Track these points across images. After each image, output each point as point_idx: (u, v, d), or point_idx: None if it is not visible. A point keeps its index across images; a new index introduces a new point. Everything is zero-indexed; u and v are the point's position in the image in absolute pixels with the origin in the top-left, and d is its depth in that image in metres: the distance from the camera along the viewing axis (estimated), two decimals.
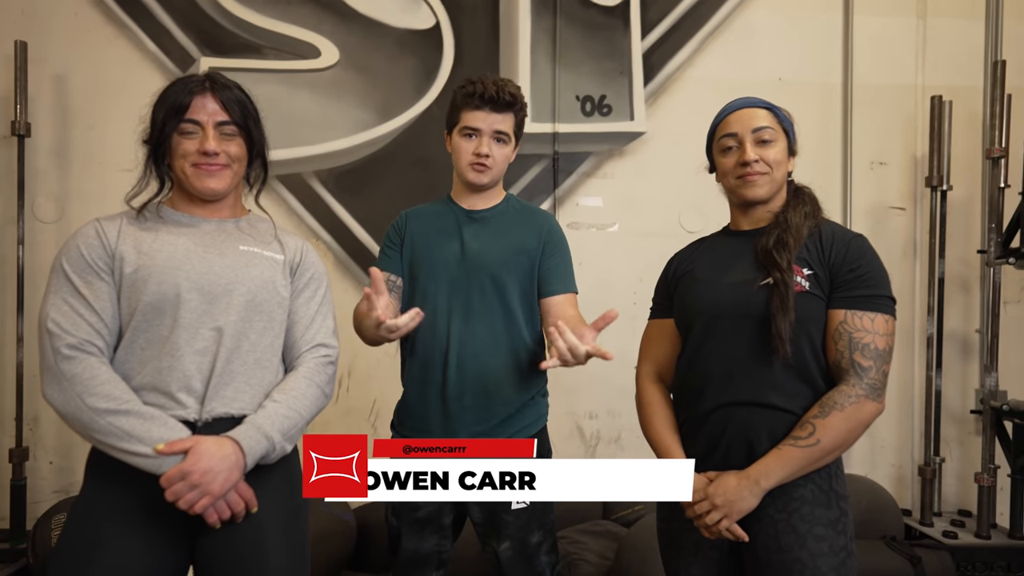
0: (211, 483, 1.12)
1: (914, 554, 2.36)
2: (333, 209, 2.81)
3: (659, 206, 2.88)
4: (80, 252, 1.20)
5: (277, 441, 1.20)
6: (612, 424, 2.89)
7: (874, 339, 1.21)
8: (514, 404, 1.54)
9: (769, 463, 1.19)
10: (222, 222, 1.31)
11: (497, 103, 1.50)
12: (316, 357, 1.30)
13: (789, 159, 1.34)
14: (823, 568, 1.18)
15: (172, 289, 1.19)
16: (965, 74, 2.94)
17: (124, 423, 1.12)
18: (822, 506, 1.21)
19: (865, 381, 1.20)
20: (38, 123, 2.66)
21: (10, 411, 2.59)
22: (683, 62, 2.92)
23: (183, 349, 1.18)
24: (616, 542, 2.35)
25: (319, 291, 1.36)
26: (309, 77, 2.79)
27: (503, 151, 1.55)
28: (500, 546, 1.53)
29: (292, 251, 1.35)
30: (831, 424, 1.18)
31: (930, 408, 2.81)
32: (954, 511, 2.89)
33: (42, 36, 2.66)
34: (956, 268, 2.93)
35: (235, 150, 1.27)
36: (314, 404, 1.27)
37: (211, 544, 1.20)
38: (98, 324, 1.17)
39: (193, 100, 1.23)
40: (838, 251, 1.24)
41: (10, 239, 2.62)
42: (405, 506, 1.56)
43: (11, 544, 2.48)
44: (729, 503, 1.20)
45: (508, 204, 1.63)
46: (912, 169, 2.97)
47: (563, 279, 1.58)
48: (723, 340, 1.28)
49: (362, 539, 2.47)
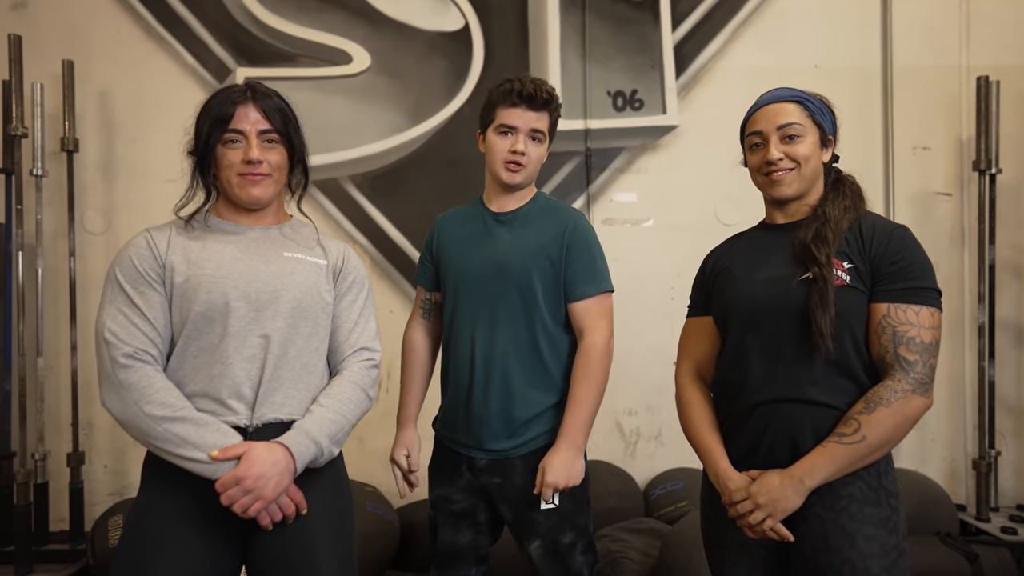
0: (264, 488, 1.15)
1: (971, 551, 2.29)
2: (368, 213, 2.84)
3: (694, 199, 2.85)
4: (132, 263, 1.23)
5: (325, 446, 1.22)
6: (652, 421, 2.87)
7: (919, 332, 1.17)
8: (539, 407, 1.54)
9: (814, 461, 1.17)
10: (266, 229, 1.34)
11: (534, 101, 1.50)
12: (360, 361, 1.32)
13: (824, 150, 1.31)
14: (874, 569, 1.15)
15: (221, 298, 1.22)
16: (1012, 52, 2.84)
17: (180, 430, 1.16)
18: (872, 504, 1.18)
19: (911, 376, 1.16)
20: (85, 138, 2.75)
21: (67, 417, 2.69)
22: (715, 53, 2.88)
23: (232, 357, 1.22)
24: (659, 539, 2.33)
25: (361, 294, 1.38)
26: (342, 83, 2.83)
27: (538, 151, 1.55)
28: (531, 545, 1.55)
29: (335, 256, 1.37)
30: (877, 420, 1.15)
31: (983, 399, 2.71)
32: (1012, 506, 2.79)
33: (87, 54, 2.76)
34: (1007, 254, 2.83)
35: (276, 158, 1.29)
36: (359, 408, 1.30)
37: (263, 546, 1.24)
38: (152, 333, 1.21)
39: (236, 110, 1.26)
40: (879, 243, 1.21)
41: (62, 251, 2.72)
42: (442, 499, 1.60)
43: (71, 545, 2.58)
44: (773, 502, 1.18)
45: (534, 204, 1.61)
46: (957, 153, 2.87)
47: (589, 281, 1.53)
48: (763, 336, 1.26)
49: (405, 539, 2.50)
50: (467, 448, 1.57)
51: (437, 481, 1.63)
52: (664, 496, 2.62)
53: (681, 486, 2.60)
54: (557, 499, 1.49)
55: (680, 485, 2.61)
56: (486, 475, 1.56)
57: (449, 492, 1.59)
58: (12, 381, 2.61)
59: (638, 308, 2.74)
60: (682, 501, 2.53)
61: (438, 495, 1.62)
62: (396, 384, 2.84)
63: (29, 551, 2.46)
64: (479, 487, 1.57)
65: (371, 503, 2.44)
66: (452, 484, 1.59)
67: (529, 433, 1.54)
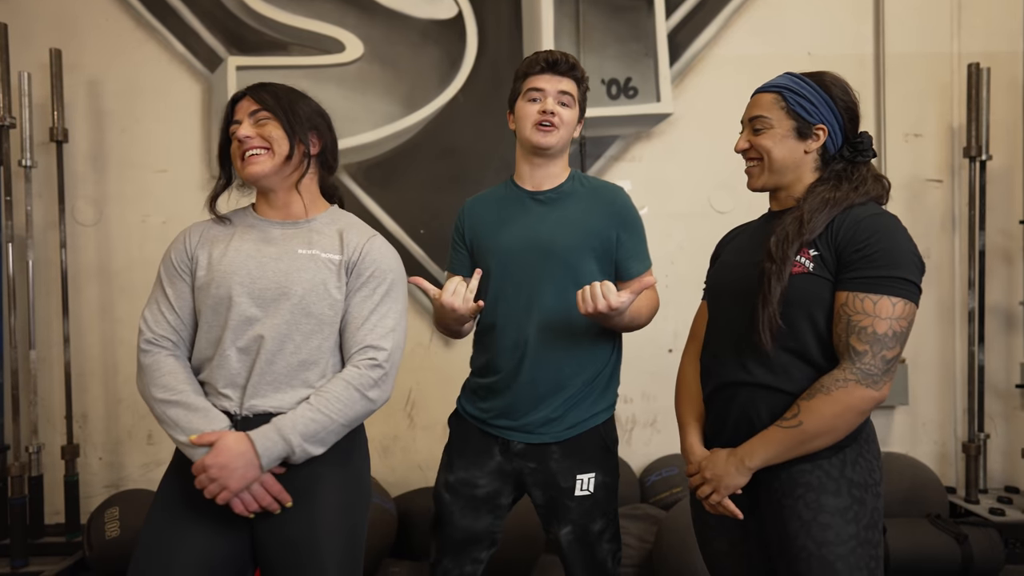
0: (228, 478, 1.18)
1: (960, 532, 2.33)
2: (363, 202, 2.83)
3: (689, 187, 2.86)
4: (171, 257, 1.35)
5: (296, 444, 1.21)
6: (647, 408, 2.89)
7: (872, 322, 1.14)
8: (584, 392, 1.54)
9: (754, 443, 1.22)
10: (293, 224, 1.36)
11: (559, 66, 1.52)
12: (362, 359, 1.29)
13: (804, 140, 1.28)
14: (829, 557, 1.15)
15: (226, 293, 1.28)
16: (1003, 39, 2.85)
17: (173, 412, 1.24)
18: (830, 494, 1.18)
19: (857, 366, 1.15)
20: (75, 128, 2.72)
21: (60, 409, 2.67)
22: (709, 40, 2.88)
23: (228, 348, 1.27)
24: (655, 525, 2.35)
25: (379, 289, 1.33)
26: (335, 72, 2.81)
27: (569, 113, 1.53)
28: (561, 531, 1.53)
29: (351, 250, 1.34)
30: (815, 407, 1.15)
31: (973, 383, 2.75)
32: (1000, 488, 2.84)
33: (75, 42, 2.72)
34: (997, 240, 2.86)
35: (271, 131, 1.31)
36: (350, 408, 1.26)
37: (263, 532, 1.27)
38: (175, 321, 1.32)
39: (237, 105, 1.35)
40: (846, 231, 1.19)
41: (53, 243, 2.69)
42: (464, 483, 1.55)
43: (67, 538, 2.57)
44: (717, 478, 1.25)
45: (575, 182, 1.58)
46: (948, 140, 2.90)
47: (640, 258, 1.59)
48: (728, 321, 1.30)
49: (403, 527, 2.51)
50: (504, 431, 1.54)
51: (460, 464, 1.57)
52: (660, 482, 2.64)
53: (676, 472, 2.63)
54: (592, 486, 1.51)
55: (675, 471, 2.63)
56: (520, 459, 1.53)
57: (475, 476, 1.55)
58: (4, 374, 2.59)
59: None
60: (677, 487, 2.56)
61: (459, 479, 1.56)
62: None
63: (25, 544, 2.46)
64: (509, 471, 1.54)
65: None
66: (479, 468, 1.55)
67: (571, 419, 1.52)
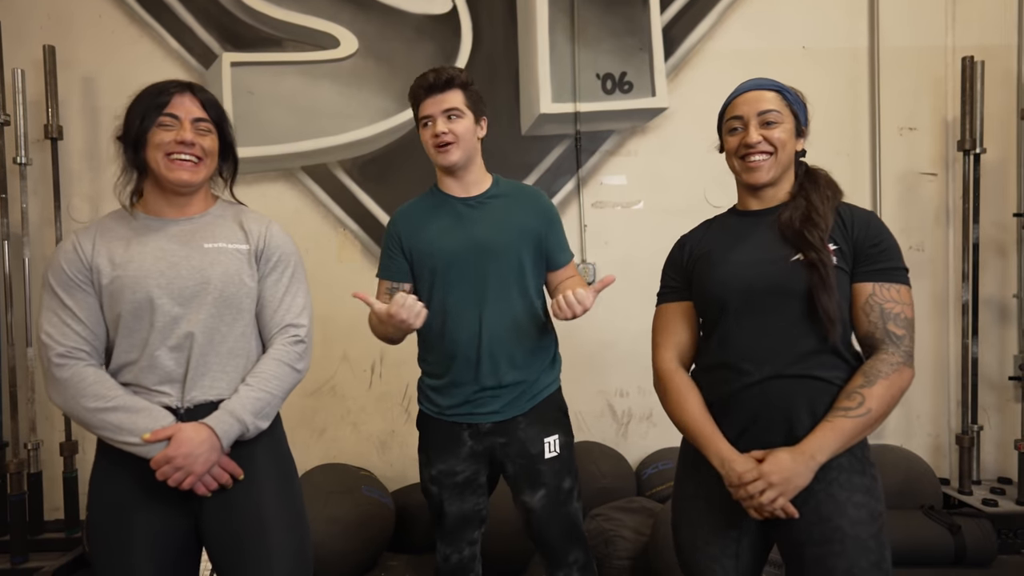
0: (193, 464, 1.26)
1: (953, 523, 2.34)
2: (358, 198, 2.84)
3: (684, 182, 2.86)
4: (62, 267, 1.31)
5: (249, 422, 1.32)
6: (643, 402, 2.90)
7: (903, 309, 1.25)
8: (539, 370, 1.68)
9: (823, 436, 1.19)
10: (191, 220, 1.38)
11: (435, 86, 1.58)
12: (285, 338, 1.39)
13: (798, 140, 1.36)
14: (863, 535, 1.20)
15: (145, 297, 1.29)
16: (997, 32, 2.86)
17: (113, 418, 1.27)
18: (858, 473, 1.24)
19: (902, 349, 1.23)
20: (69, 125, 2.72)
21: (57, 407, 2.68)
22: (704, 35, 2.88)
23: (159, 349, 1.30)
24: (651, 518, 2.37)
25: (286, 272, 1.42)
26: (329, 67, 2.80)
27: (462, 124, 1.59)
28: (535, 496, 1.64)
29: (256, 237, 1.41)
30: (878, 392, 1.20)
31: (967, 376, 2.77)
32: (994, 479, 2.86)
33: (68, 39, 2.72)
34: (991, 232, 2.87)
35: (209, 144, 1.36)
36: (285, 382, 1.37)
37: (210, 514, 1.34)
38: (84, 332, 1.30)
39: (173, 98, 1.33)
40: (860, 227, 1.28)
41: (48, 240, 2.70)
42: (444, 473, 1.66)
43: (66, 534, 2.59)
44: (786, 480, 1.18)
45: (499, 187, 1.70)
46: (943, 133, 2.90)
47: (564, 249, 1.74)
48: (755, 318, 1.28)
49: (400, 521, 2.52)
50: (470, 416, 1.64)
51: (437, 458, 1.67)
52: (655, 475, 2.66)
53: (672, 465, 2.64)
54: (558, 446, 1.65)
55: (671, 464, 2.65)
56: (490, 437, 1.65)
57: (452, 465, 1.66)
58: (2, 371, 2.60)
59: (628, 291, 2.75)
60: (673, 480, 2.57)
61: (439, 471, 1.67)
62: (388, 368, 2.87)
63: (24, 540, 2.47)
64: (481, 451, 1.66)
65: (366, 487, 2.46)
66: (454, 456, 1.66)
67: (530, 392, 1.66)
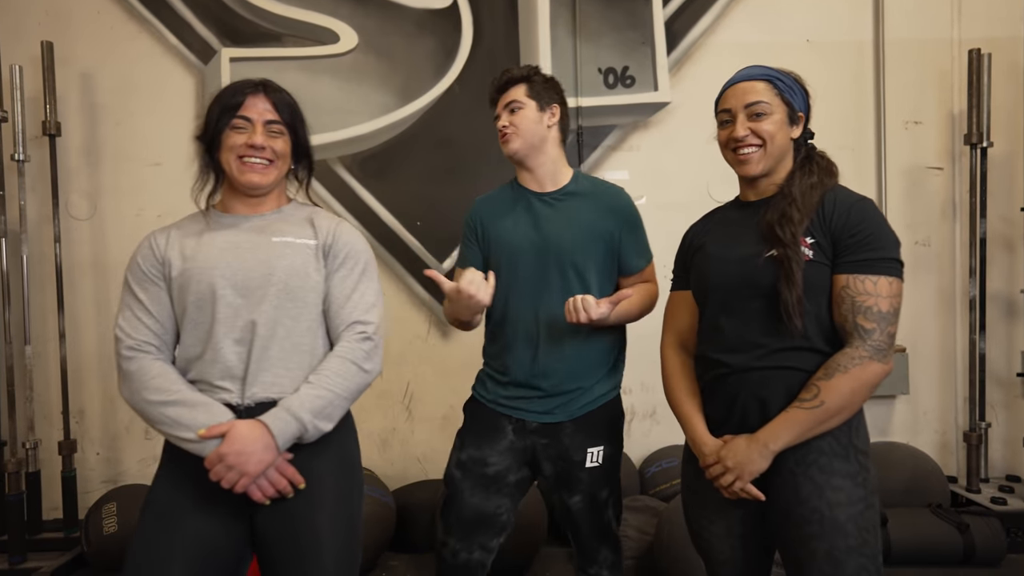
0: (245, 464, 1.20)
1: (962, 521, 2.31)
2: (359, 194, 2.81)
3: (687, 177, 2.83)
4: (138, 263, 1.34)
5: (308, 421, 1.25)
6: (646, 399, 2.87)
7: (877, 302, 1.22)
8: (595, 377, 1.64)
9: (777, 426, 1.23)
10: (261, 217, 1.38)
11: (502, 87, 1.67)
12: (352, 335, 1.34)
13: (793, 127, 1.34)
14: (840, 517, 1.20)
15: (209, 288, 1.28)
16: (1003, 24, 2.82)
17: (173, 412, 1.23)
18: (840, 458, 1.24)
19: (868, 343, 1.21)
20: (68, 122, 2.70)
21: (56, 405, 2.67)
22: (707, 28, 2.85)
23: (222, 341, 1.27)
24: (655, 517, 2.34)
25: (356, 268, 1.39)
26: (329, 63, 2.78)
27: (520, 116, 1.63)
28: (571, 499, 1.63)
29: (324, 233, 1.39)
30: (835, 386, 1.20)
31: (974, 372, 2.73)
32: (1002, 477, 2.83)
33: (67, 35, 2.70)
34: (998, 227, 2.84)
35: (281, 146, 1.35)
36: (350, 381, 1.31)
37: (265, 521, 1.28)
38: (154, 325, 1.31)
39: (246, 99, 1.33)
40: (839, 217, 1.25)
41: (47, 237, 2.68)
42: (475, 460, 1.63)
43: (65, 533, 2.57)
44: (740, 465, 1.25)
45: (578, 184, 1.68)
46: (948, 126, 2.87)
47: (642, 254, 1.69)
48: (735, 313, 1.31)
49: (401, 521, 2.50)
50: (519, 411, 1.63)
51: (472, 443, 1.65)
52: (659, 473, 2.64)
53: (676, 463, 2.62)
54: (601, 458, 1.62)
55: (675, 462, 2.62)
56: (534, 436, 1.63)
57: (486, 454, 1.63)
58: (1, 370, 2.58)
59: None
60: (677, 479, 2.54)
61: (470, 456, 1.64)
62: (389, 366, 2.84)
63: (23, 540, 2.45)
64: (521, 448, 1.63)
65: (367, 486, 2.43)
66: (491, 446, 1.63)
67: (584, 399, 1.62)
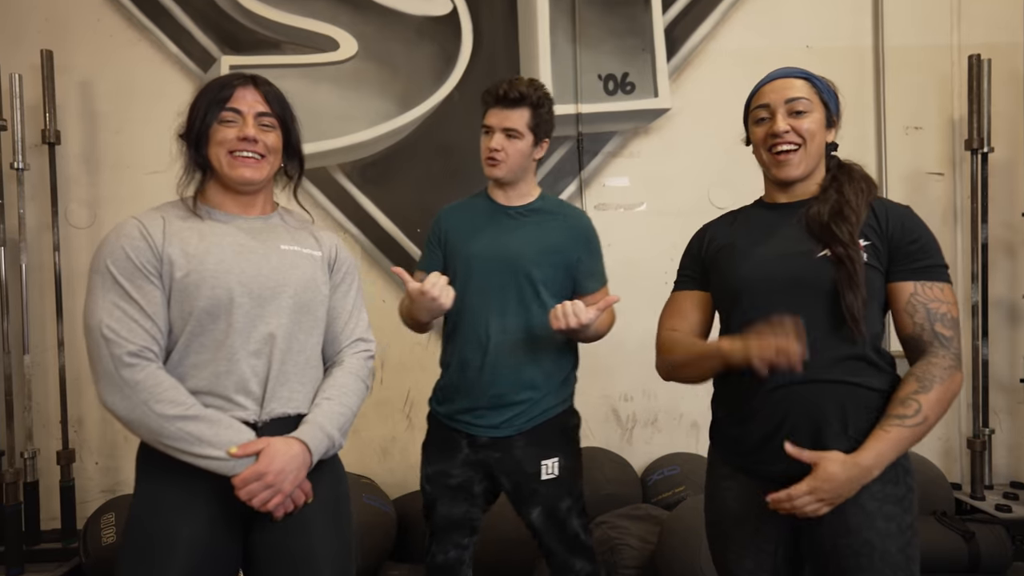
0: (283, 482, 1.17)
1: (967, 529, 2.30)
2: (359, 201, 2.81)
3: (687, 183, 2.83)
4: (127, 254, 1.17)
5: (336, 437, 1.26)
6: (648, 406, 2.86)
7: (949, 308, 1.18)
8: (543, 391, 1.65)
9: (881, 448, 1.11)
10: (259, 219, 1.32)
11: (505, 100, 1.60)
12: (357, 352, 1.34)
13: (829, 131, 1.30)
14: (891, 549, 1.13)
15: (225, 294, 1.19)
16: (1003, 30, 2.82)
17: (194, 428, 1.14)
18: (891, 482, 1.16)
19: (952, 351, 1.16)
20: (67, 130, 2.70)
21: (55, 414, 2.65)
22: (706, 35, 2.85)
23: (239, 353, 1.20)
24: (658, 525, 2.32)
25: (354, 285, 1.39)
26: (329, 70, 2.78)
27: (515, 146, 1.62)
28: (532, 513, 1.66)
29: (328, 246, 1.37)
30: (934, 399, 1.13)
31: (977, 378, 2.72)
32: (1006, 483, 2.81)
33: (66, 44, 2.69)
34: (1000, 233, 2.83)
35: (272, 141, 1.29)
36: (360, 399, 1.33)
37: (262, 535, 1.25)
38: (153, 330, 1.17)
39: (235, 92, 1.26)
40: (895, 223, 1.21)
41: (46, 246, 2.67)
42: (440, 473, 1.68)
43: (63, 544, 2.54)
44: (838, 497, 1.11)
45: (544, 202, 1.71)
46: (949, 132, 2.87)
47: (597, 277, 1.72)
48: (777, 314, 1.17)
49: (402, 530, 2.48)
50: (469, 426, 1.66)
51: (435, 458, 1.70)
52: (661, 481, 2.62)
53: (678, 471, 2.60)
54: (556, 469, 1.63)
55: (677, 470, 2.61)
56: (486, 451, 1.65)
57: (447, 467, 1.67)
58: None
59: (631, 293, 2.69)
60: (680, 486, 2.53)
61: (436, 470, 1.69)
62: (390, 373, 2.84)
63: (20, 551, 2.43)
64: (477, 462, 1.66)
65: (367, 495, 2.42)
66: (450, 460, 1.67)
67: (532, 411, 1.64)
